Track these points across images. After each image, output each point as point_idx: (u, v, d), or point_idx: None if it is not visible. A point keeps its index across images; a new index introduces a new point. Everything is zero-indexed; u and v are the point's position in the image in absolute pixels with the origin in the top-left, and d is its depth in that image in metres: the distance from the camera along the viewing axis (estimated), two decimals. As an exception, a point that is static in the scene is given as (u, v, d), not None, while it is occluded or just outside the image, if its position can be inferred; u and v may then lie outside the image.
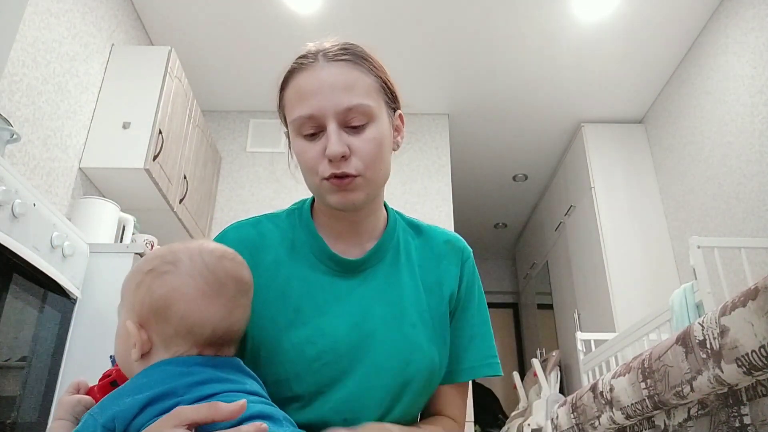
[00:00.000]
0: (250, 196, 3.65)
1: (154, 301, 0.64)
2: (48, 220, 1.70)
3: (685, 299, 2.09)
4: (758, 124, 2.67)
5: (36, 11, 2.17)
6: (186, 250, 0.68)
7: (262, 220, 0.88)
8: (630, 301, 3.34)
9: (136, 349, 0.63)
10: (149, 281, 0.65)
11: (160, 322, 0.63)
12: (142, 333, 0.63)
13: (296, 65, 0.80)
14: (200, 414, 0.55)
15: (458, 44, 3.29)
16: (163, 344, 0.64)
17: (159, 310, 0.64)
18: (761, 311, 0.82)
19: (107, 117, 2.64)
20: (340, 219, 0.84)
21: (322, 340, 0.76)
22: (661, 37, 3.21)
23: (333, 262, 0.82)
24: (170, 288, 0.64)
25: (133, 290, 0.66)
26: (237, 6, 3.03)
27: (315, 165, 0.76)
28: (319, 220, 0.86)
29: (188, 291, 0.64)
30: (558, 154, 4.39)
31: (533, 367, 3.87)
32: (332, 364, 0.75)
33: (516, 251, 6.20)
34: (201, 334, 0.64)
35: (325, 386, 0.75)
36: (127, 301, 0.66)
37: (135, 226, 2.57)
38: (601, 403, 1.38)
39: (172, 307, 0.63)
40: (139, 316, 0.64)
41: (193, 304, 0.64)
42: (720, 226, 2.95)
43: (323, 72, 0.77)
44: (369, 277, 0.83)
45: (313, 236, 0.84)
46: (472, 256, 0.92)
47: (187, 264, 0.66)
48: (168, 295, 0.64)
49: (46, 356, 1.72)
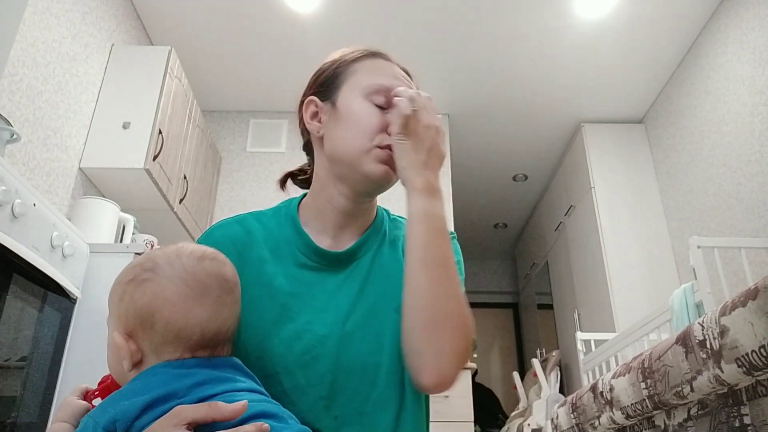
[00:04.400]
0: (250, 196, 3.65)
1: (137, 310, 0.63)
2: (48, 220, 1.70)
3: (685, 299, 2.09)
4: (758, 124, 2.67)
5: (36, 11, 2.18)
6: (164, 255, 0.66)
7: (248, 217, 0.88)
8: (630, 301, 3.34)
9: (127, 360, 0.62)
10: (131, 291, 0.64)
11: (147, 330, 0.62)
12: (131, 344, 0.63)
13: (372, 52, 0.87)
14: (200, 413, 0.55)
15: (458, 44, 3.29)
16: (154, 353, 0.63)
17: (144, 318, 0.63)
18: (761, 311, 0.82)
19: (107, 117, 2.64)
20: (337, 211, 0.84)
21: (310, 335, 0.75)
22: (661, 37, 3.21)
23: (319, 256, 0.82)
24: (152, 295, 0.63)
25: (117, 302, 0.65)
26: (237, 6, 3.03)
27: (376, 130, 0.79)
28: (305, 217, 0.86)
29: (170, 296, 0.63)
30: (558, 154, 4.39)
31: (533, 367, 3.87)
32: (321, 358, 0.75)
33: (516, 251, 6.20)
34: (190, 338, 0.63)
35: (315, 380, 0.74)
36: (113, 313, 0.66)
37: (135, 226, 2.57)
38: (601, 403, 1.38)
39: (156, 314, 0.62)
40: (125, 327, 0.63)
41: (177, 309, 0.63)
42: (720, 226, 2.95)
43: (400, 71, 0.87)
44: (357, 268, 0.83)
45: (298, 233, 0.84)
46: (456, 239, 0.91)
47: (167, 269, 0.65)
48: (151, 303, 0.63)
49: (46, 356, 1.72)
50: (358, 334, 0.77)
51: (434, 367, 0.70)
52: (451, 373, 0.71)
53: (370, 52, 0.87)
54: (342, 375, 0.75)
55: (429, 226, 0.74)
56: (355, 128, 0.80)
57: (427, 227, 0.74)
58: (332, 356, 0.75)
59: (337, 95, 0.83)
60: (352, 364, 0.76)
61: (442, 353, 0.70)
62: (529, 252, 5.58)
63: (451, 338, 0.70)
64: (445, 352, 0.70)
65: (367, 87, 0.81)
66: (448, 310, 0.71)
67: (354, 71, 0.84)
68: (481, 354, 6.07)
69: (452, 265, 0.74)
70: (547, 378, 3.72)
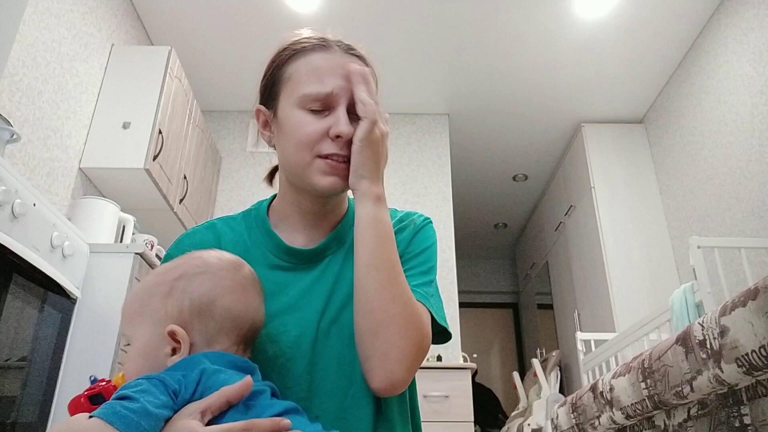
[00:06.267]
0: (250, 196, 3.65)
1: (195, 301, 0.65)
2: (48, 220, 1.70)
3: (685, 299, 2.09)
4: (758, 124, 2.67)
5: (36, 11, 2.18)
6: (207, 255, 0.70)
7: (217, 223, 0.88)
8: (630, 301, 3.34)
9: (180, 354, 0.63)
10: (183, 285, 0.66)
11: (205, 319, 0.64)
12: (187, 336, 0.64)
13: (309, 45, 0.81)
14: (210, 400, 0.56)
15: (458, 44, 3.29)
16: (206, 343, 0.64)
17: (202, 307, 0.65)
18: (761, 311, 0.82)
19: (107, 117, 2.64)
20: (304, 213, 0.83)
21: (285, 336, 0.75)
22: (661, 37, 3.21)
23: (290, 255, 0.82)
24: (210, 285, 0.66)
25: (161, 300, 0.65)
26: (237, 6, 3.03)
27: (314, 140, 0.76)
28: (276, 218, 0.86)
29: (229, 284, 0.67)
30: (558, 154, 4.39)
31: (533, 367, 3.87)
32: (296, 359, 0.74)
33: (516, 251, 6.20)
34: (242, 327, 0.66)
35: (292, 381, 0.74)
36: (154, 312, 0.65)
37: (135, 226, 2.57)
38: (601, 403, 1.38)
39: (216, 302, 0.65)
40: (179, 320, 0.64)
41: (236, 297, 0.67)
42: (720, 226, 2.95)
43: (343, 59, 0.79)
44: (330, 264, 0.82)
45: (269, 234, 0.83)
46: (430, 225, 0.90)
47: (218, 263, 0.69)
48: (210, 292, 0.66)
49: (46, 356, 1.72)
50: (333, 330, 0.77)
51: (381, 370, 0.70)
52: (401, 375, 0.70)
53: (306, 45, 0.81)
54: (319, 374, 0.74)
55: (378, 231, 0.75)
56: (294, 141, 0.77)
57: (376, 233, 0.75)
58: (307, 356, 0.75)
59: (277, 104, 0.81)
60: (327, 362, 0.75)
61: (388, 356, 0.70)
62: (529, 252, 5.58)
63: (397, 340, 0.70)
64: (391, 354, 0.70)
65: (301, 99, 0.77)
66: (393, 313, 0.71)
67: (288, 77, 0.80)
68: (481, 354, 6.07)
69: (399, 268, 0.75)
70: (547, 378, 3.72)
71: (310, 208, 0.83)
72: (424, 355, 0.74)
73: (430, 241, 0.87)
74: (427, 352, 0.75)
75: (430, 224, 0.90)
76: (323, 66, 0.78)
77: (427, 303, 0.78)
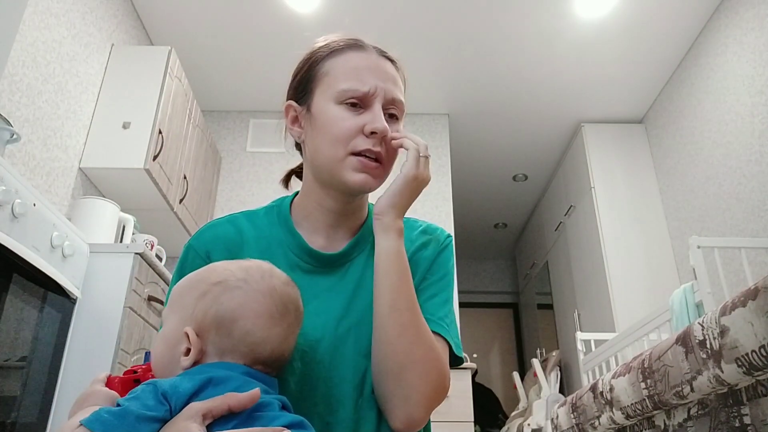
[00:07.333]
0: (250, 196, 3.65)
1: (219, 313, 0.64)
2: (48, 220, 1.70)
3: (685, 299, 2.09)
4: (758, 124, 2.67)
5: (36, 11, 2.18)
6: (258, 269, 0.68)
7: (239, 217, 0.87)
8: (630, 301, 3.34)
9: (189, 357, 0.62)
10: (217, 292, 0.65)
11: (221, 334, 0.63)
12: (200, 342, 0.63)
13: (346, 44, 0.82)
14: (213, 403, 0.56)
15: (458, 44, 3.29)
16: (218, 355, 0.63)
17: (223, 322, 0.63)
18: (761, 311, 0.82)
19: (107, 117, 2.64)
20: (327, 212, 0.83)
21: (302, 339, 0.74)
22: (661, 37, 3.21)
23: (313, 258, 0.81)
24: (240, 303, 0.64)
25: (196, 298, 0.65)
26: (237, 6, 3.03)
27: (349, 136, 0.77)
28: (298, 216, 0.85)
29: (258, 309, 0.64)
30: (558, 154, 4.39)
31: (533, 367, 3.87)
32: (313, 364, 0.74)
33: (516, 251, 6.20)
34: (260, 353, 0.64)
35: (307, 385, 0.73)
36: (186, 307, 0.65)
37: (135, 226, 2.57)
38: (601, 403, 1.38)
39: (239, 321, 0.63)
40: (198, 325, 0.64)
41: (260, 323, 0.64)
42: (720, 226, 2.95)
43: (379, 61, 0.82)
44: (350, 269, 0.82)
45: (291, 233, 0.83)
46: (452, 244, 0.90)
47: (259, 282, 0.66)
48: (236, 310, 0.64)
49: (46, 356, 1.72)
50: (350, 337, 0.76)
51: (402, 413, 0.71)
52: (420, 416, 0.71)
53: (343, 44, 0.82)
54: (335, 380, 0.74)
55: (401, 267, 0.75)
56: (328, 136, 0.77)
57: (399, 269, 0.75)
58: (325, 361, 0.75)
59: (311, 99, 0.81)
60: (344, 369, 0.75)
61: (410, 400, 0.70)
62: (529, 252, 5.58)
63: (419, 385, 0.71)
64: (413, 399, 0.70)
65: (340, 94, 0.78)
66: (415, 357, 0.71)
67: (326, 72, 0.81)
68: (481, 354, 6.07)
69: (418, 308, 0.75)
70: (547, 378, 3.72)
71: (334, 206, 0.83)
72: (444, 395, 0.75)
73: (452, 263, 0.88)
74: (447, 392, 0.75)
75: (451, 243, 0.90)
76: (362, 64, 0.80)
77: (446, 335, 0.79)
